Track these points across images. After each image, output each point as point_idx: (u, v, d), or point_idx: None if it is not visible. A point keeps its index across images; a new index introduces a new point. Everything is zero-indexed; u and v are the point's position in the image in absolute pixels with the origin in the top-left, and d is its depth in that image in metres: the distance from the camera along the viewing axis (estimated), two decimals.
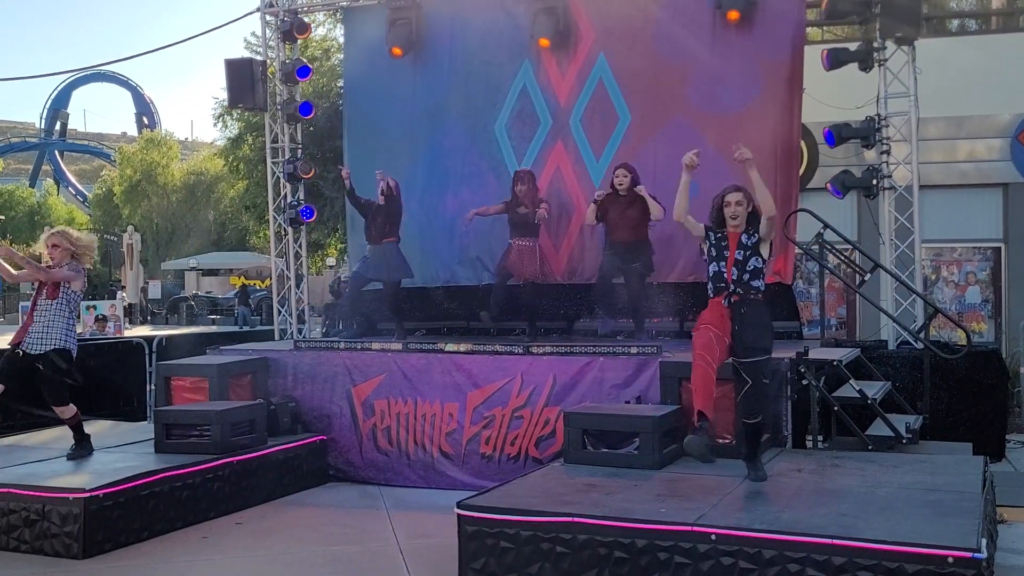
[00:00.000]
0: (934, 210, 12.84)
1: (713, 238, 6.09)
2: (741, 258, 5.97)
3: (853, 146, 10.71)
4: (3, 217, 50.16)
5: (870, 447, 7.29)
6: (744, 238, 6.00)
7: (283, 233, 12.15)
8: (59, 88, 75.80)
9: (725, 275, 5.98)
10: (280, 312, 12.21)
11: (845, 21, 10.80)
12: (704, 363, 5.84)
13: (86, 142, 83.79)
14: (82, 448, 7.59)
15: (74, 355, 7.38)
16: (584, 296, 9.80)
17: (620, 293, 9.04)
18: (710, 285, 6.10)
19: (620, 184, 8.89)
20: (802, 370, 7.33)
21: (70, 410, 7.47)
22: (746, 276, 5.95)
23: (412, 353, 8.65)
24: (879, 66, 9.72)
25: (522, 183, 9.26)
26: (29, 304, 7.47)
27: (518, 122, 10.52)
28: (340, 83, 17.41)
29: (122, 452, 7.86)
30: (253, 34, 24.56)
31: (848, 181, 9.91)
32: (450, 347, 8.58)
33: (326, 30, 24.63)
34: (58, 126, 76.86)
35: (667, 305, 9.30)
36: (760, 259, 6.00)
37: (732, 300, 5.96)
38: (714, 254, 6.07)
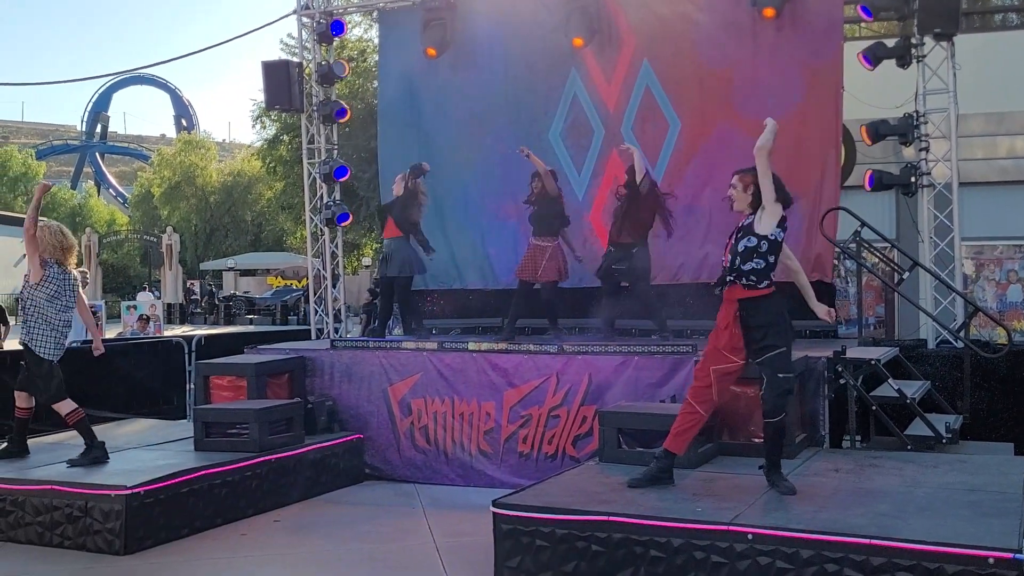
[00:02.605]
0: (974, 207, 12.64)
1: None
2: (734, 240, 5.78)
3: (892, 144, 10.59)
4: (45, 218, 50.79)
5: (909, 447, 7.22)
6: (744, 221, 5.80)
7: (319, 233, 12.24)
8: (100, 91, 76.95)
9: (723, 260, 5.85)
10: (317, 312, 12.31)
11: (883, 17, 10.68)
12: (689, 409, 5.86)
13: (126, 144, 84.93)
14: (90, 454, 7.25)
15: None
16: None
17: (621, 292, 9.00)
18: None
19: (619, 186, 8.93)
20: (839, 369, 7.27)
21: (67, 405, 7.30)
22: (737, 260, 5.70)
23: (447, 352, 8.68)
24: (917, 62, 9.61)
25: (538, 179, 9.25)
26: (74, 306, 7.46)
27: (573, 131, 10.55)
28: (376, 84, 17.51)
29: (162, 450, 7.97)
30: (289, 35, 24.87)
31: (886, 179, 9.82)
32: (485, 346, 8.60)
33: (362, 31, 24.84)
34: (99, 129, 78.01)
35: (703, 305, 9.27)
36: (753, 238, 5.67)
37: (734, 294, 5.76)
38: (731, 239, 5.88)
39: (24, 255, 7.44)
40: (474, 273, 11.02)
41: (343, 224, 12.05)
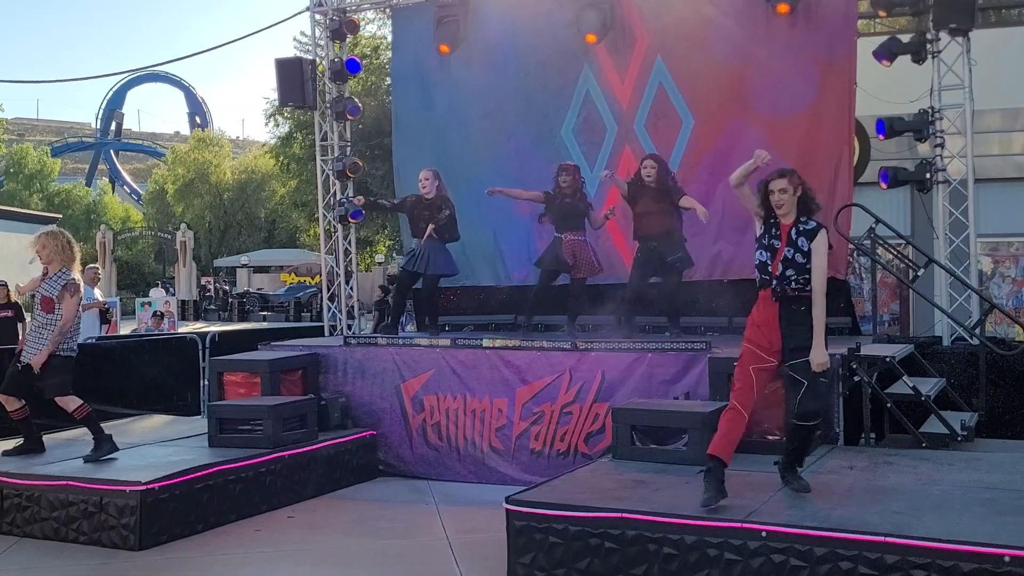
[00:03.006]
0: (990, 204, 12.57)
1: (766, 221, 5.75)
2: (790, 257, 5.64)
3: (906, 140, 10.55)
4: (60, 216, 51.13)
5: (924, 444, 7.19)
6: (794, 233, 5.66)
7: (332, 230, 12.27)
8: (114, 89, 77.29)
9: (770, 268, 5.70)
10: (330, 308, 12.34)
11: (898, 12, 10.62)
12: (734, 414, 5.58)
13: (140, 141, 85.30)
14: (101, 448, 7.30)
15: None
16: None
17: (656, 291, 8.94)
18: (757, 273, 5.81)
19: (648, 176, 8.72)
20: (854, 366, 7.24)
21: (72, 401, 7.33)
22: (790, 272, 5.62)
23: (460, 349, 8.68)
24: (932, 58, 9.56)
25: (567, 173, 9.19)
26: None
27: (586, 127, 10.53)
28: (389, 81, 17.54)
29: (177, 446, 8.00)
30: (302, 33, 24.90)
31: (901, 175, 9.78)
32: (498, 343, 8.60)
33: (375, 28, 24.87)
34: (113, 126, 78.35)
35: (716, 303, 9.25)
36: (806, 258, 5.59)
37: (777, 297, 5.67)
38: (764, 242, 5.75)
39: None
40: (487, 270, 11.02)
41: (356, 221, 12.07)
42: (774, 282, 5.66)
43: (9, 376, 7.42)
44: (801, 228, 5.67)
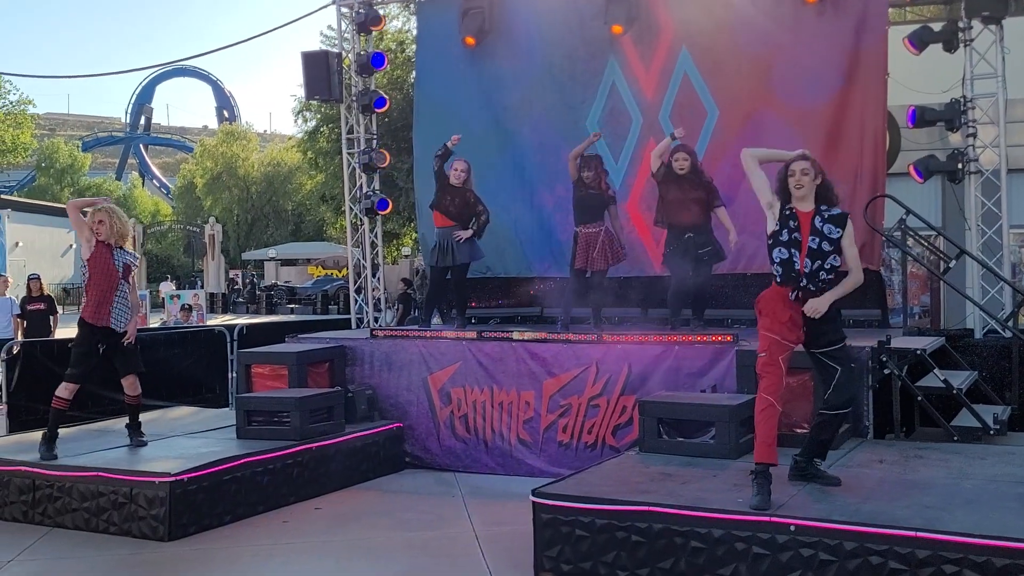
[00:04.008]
0: (1023, 194, 12.42)
1: (780, 213, 5.50)
2: (816, 247, 5.44)
3: (937, 129, 10.40)
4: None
5: (955, 438, 7.11)
6: (818, 221, 5.46)
7: (359, 223, 12.30)
8: (143, 83, 78.04)
9: (797, 265, 5.46)
10: (356, 301, 12.38)
11: (929, 0, 10.50)
12: (770, 410, 5.42)
13: (169, 136, 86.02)
14: (141, 435, 7.69)
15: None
16: (656, 286, 9.69)
17: (692, 285, 8.86)
18: (778, 270, 5.56)
19: (681, 168, 8.62)
20: (884, 359, 7.17)
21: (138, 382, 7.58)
22: (822, 273, 5.43)
23: (486, 342, 8.68)
24: (965, 46, 9.44)
25: (589, 169, 9.14)
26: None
27: (611, 119, 10.47)
28: (414, 75, 17.53)
29: (205, 437, 8.06)
30: (329, 27, 24.99)
31: (932, 165, 9.65)
32: (525, 335, 8.58)
33: (401, 22, 24.91)
34: (143, 120, 79.06)
35: (741, 295, 9.17)
36: (833, 246, 5.45)
37: (806, 296, 5.48)
38: (784, 238, 5.51)
39: (71, 246, 7.62)
40: (510, 261, 10.99)
41: (383, 212, 12.09)
42: (803, 280, 5.44)
43: (124, 355, 7.49)
44: (826, 215, 5.49)
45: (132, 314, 7.52)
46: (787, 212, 5.53)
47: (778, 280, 5.57)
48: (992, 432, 7.18)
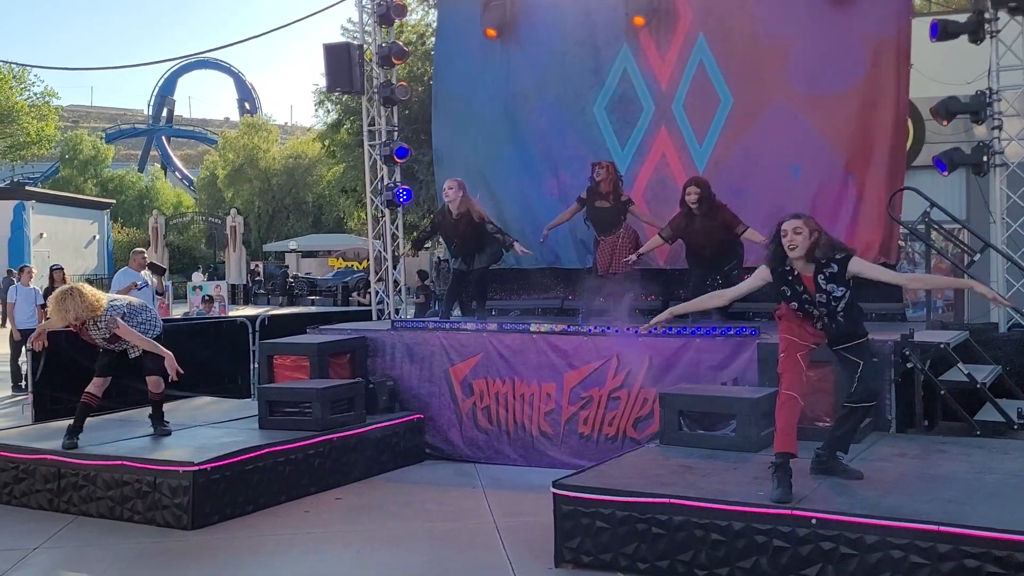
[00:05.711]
0: None
1: (782, 278, 5.51)
2: (825, 300, 5.43)
3: (962, 122, 10.30)
4: (114, 201, 52.06)
5: (978, 432, 7.08)
6: (822, 281, 5.41)
7: (380, 215, 12.33)
8: (165, 76, 78.22)
9: (813, 314, 5.49)
10: (378, 293, 12.42)
11: None
12: (792, 404, 5.45)
13: (191, 128, 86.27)
14: (163, 425, 7.82)
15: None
16: (680, 279, 9.66)
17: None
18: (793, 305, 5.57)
19: (693, 203, 8.45)
20: (907, 353, 7.13)
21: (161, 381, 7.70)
22: (841, 316, 5.46)
23: (507, 334, 8.69)
24: (990, 38, 9.34)
25: (598, 175, 9.12)
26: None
27: (620, 106, 10.42)
28: (433, 67, 17.54)
29: (227, 427, 8.12)
30: (350, 20, 25.03)
31: (957, 158, 9.57)
32: (545, 328, 8.59)
33: (421, 14, 24.92)
34: (165, 112, 79.34)
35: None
36: (844, 289, 5.40)
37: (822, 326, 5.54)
38: (788, 293, 5.50)
39: (95, 237, 7.70)
40: (533, 253, 10.93)
41: (404, 204, 12.11)
42: (820, 324, 5.50)
43: (152, 357, 7.58)
44: (828, 273, 5.42)
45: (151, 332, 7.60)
46: (788, 276, 5.50)
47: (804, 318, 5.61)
48: (1016, 427, 7.14)
